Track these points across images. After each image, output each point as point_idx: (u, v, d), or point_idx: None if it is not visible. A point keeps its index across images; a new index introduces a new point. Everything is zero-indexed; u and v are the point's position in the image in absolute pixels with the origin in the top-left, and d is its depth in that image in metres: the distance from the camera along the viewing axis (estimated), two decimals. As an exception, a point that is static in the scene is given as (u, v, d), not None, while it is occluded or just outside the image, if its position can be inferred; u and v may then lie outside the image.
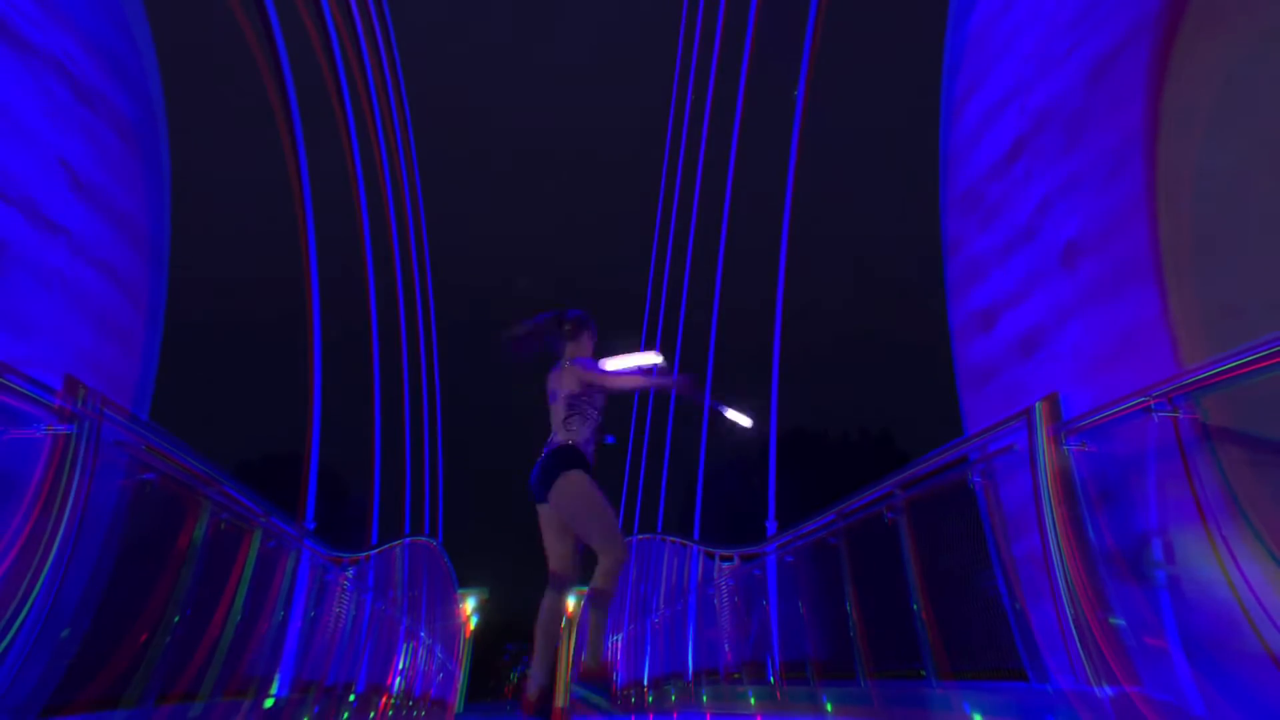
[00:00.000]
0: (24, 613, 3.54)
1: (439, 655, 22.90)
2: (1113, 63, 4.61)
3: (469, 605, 40.95)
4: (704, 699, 10.79)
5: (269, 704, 7.02)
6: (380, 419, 20.10)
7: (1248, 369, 3.08)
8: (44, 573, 3.64)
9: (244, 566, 5.94)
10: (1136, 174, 4.36)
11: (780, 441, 14.65)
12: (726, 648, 10.17)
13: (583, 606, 5.36)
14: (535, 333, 5.31)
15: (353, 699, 10.77)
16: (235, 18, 12.04)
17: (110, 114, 5.66)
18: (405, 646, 16.23)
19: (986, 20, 6.12)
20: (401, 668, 15.80)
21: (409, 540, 18.52)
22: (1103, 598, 3.81)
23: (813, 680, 7.10)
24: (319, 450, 13.42)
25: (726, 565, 10.88)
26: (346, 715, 10.26)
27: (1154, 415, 3.51)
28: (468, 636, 39.03)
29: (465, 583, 37.32)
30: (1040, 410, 4.20)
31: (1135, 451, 3.76)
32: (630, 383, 5.59)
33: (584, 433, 5.03)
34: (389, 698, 14.13)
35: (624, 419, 30.47)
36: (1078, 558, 3.90)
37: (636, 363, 5.69)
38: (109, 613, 4.32)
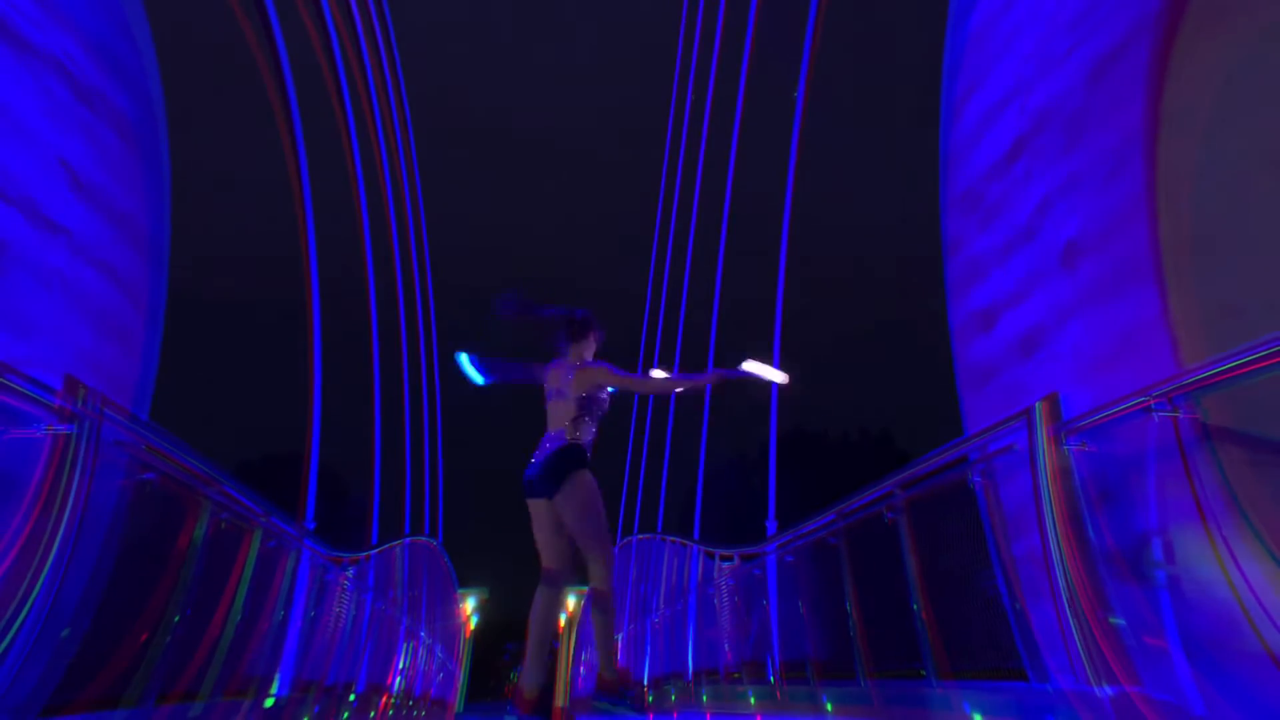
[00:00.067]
0: (24, 613, 3.54)
1: (439, 655, 22.90)
2: (1113, 63, 4.61)
3: (469, 605, 40.96)
4: (704, 699, 10.79)
5: (269, 704, 7.02)
6: (380, 419, 20.11)
7: (1248, 369, 3.08)
8: (44, 573, 3.64)
9: (244, 566, 5.94)
10: (1136, 174, 4.36)
11: (780, 441, 14.65)
12: (726, 647, 10.16)
13: (584, 611, 5.34)
14: (539, 317, 5.26)
15: (353, 699, 10.77)
16: (235, 18, 12.05)
17: (110, 114, 5.66)
18: (405, 646, 16.23)
19: (986, 20, 6.12)
20: (401, 667, 15.81)
21: (409, 540, 18.52)
22: (1103, 597, 3.81)
23: (813, 680, 7.10)
24: (319, 450, 13.43)
25: (726, 565, 10.88)
26: (346, 715, 10.26)
27: (1154, 415, 3.51)
28: (468, 636, 39.04)
29: (465, 583, 37.32)
30: (1040, 410, 4.20)
31: (1135, 451, 3.76)
32: (661, 385, 5.54)
33: (590, 433, 5.04)
34: (389, 697, 14.13)
35: (624, 419, 30.47)
36: (1078, 558, 3.90)
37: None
38: (109, 613, 4.32)
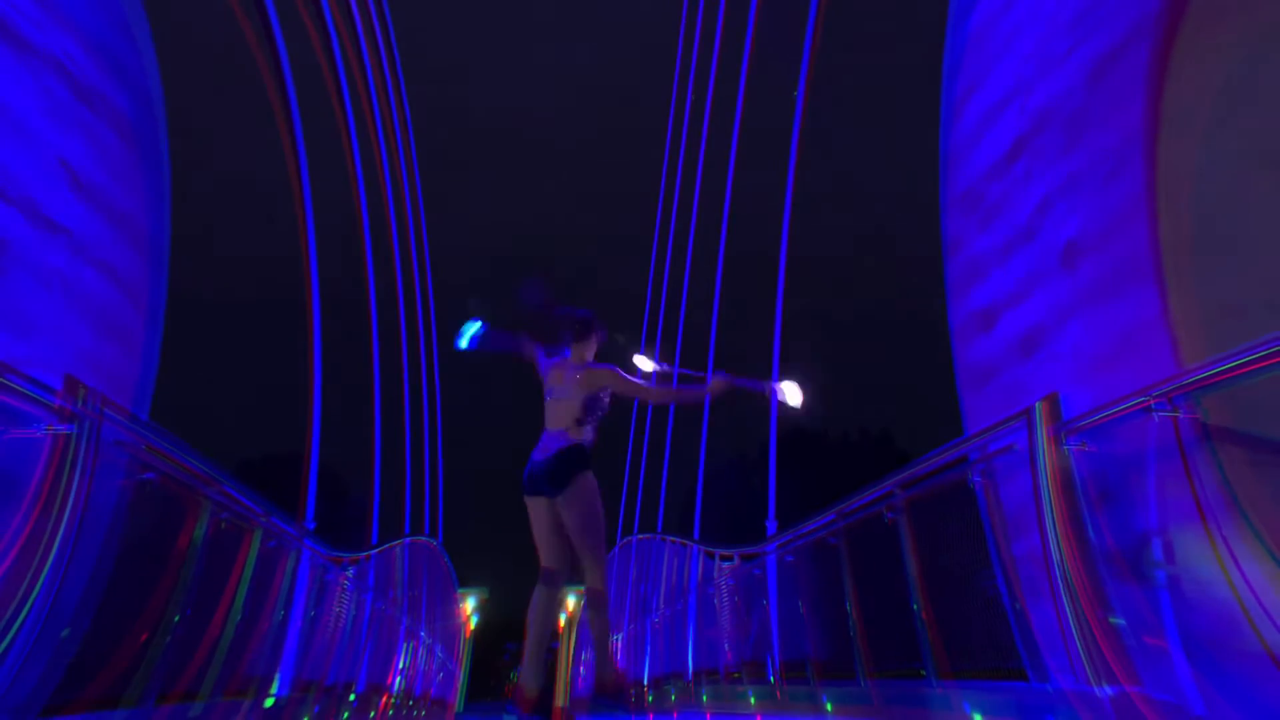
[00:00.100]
0: (24, 612, 3.54)
1: (439, 655, 22.89)
2: (1113, 63, 4.61)
3: (469, 605, 40.95)
4: (704, 698, 10.78)
5: (269, 704, 7.02)
6: (380, 419, 20.10)
7: (1248, 369, 3.08)
8: (44, 573, 3.64)
9: (244, 566, 5.94)
10: (1136, 174, 4.36)
11: (780, 441, 14.66)
12: (726, 647, 10.16)
13: (583, 611, 5.39)
14: (552, 313, 5.32)
15: (353, 698, 10.77)
16: (235, 18, 12.05)
17: (110, 114, 5.66)
18: (405, 646, 16.22)
19: (986, 20, 6.12)
20: (401, 667, 15.80)
21: (409, 540, 18.51)
22: (1103, 597, 3.81)
23: (813, 680, 7.10)
24: (319, 450, 13.43)
25: (726, 565, 10.88)
26: (347, 715, 10.26)
27: (1154, 415, 3.51)
28: (468, 636, 39.03)
29: (465, 583, 37.32)
30: (1040, 410, 4.20)
31: (1135, 451, 3.76)
32: (663, 396, 5.60)
33: (591, 434, 5.08)
34: (389, 697, 14.13)
35: (625, 418, 30.46)
36: (1078, 557, 3.90)
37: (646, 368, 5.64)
38: (109, 612, 4.32)
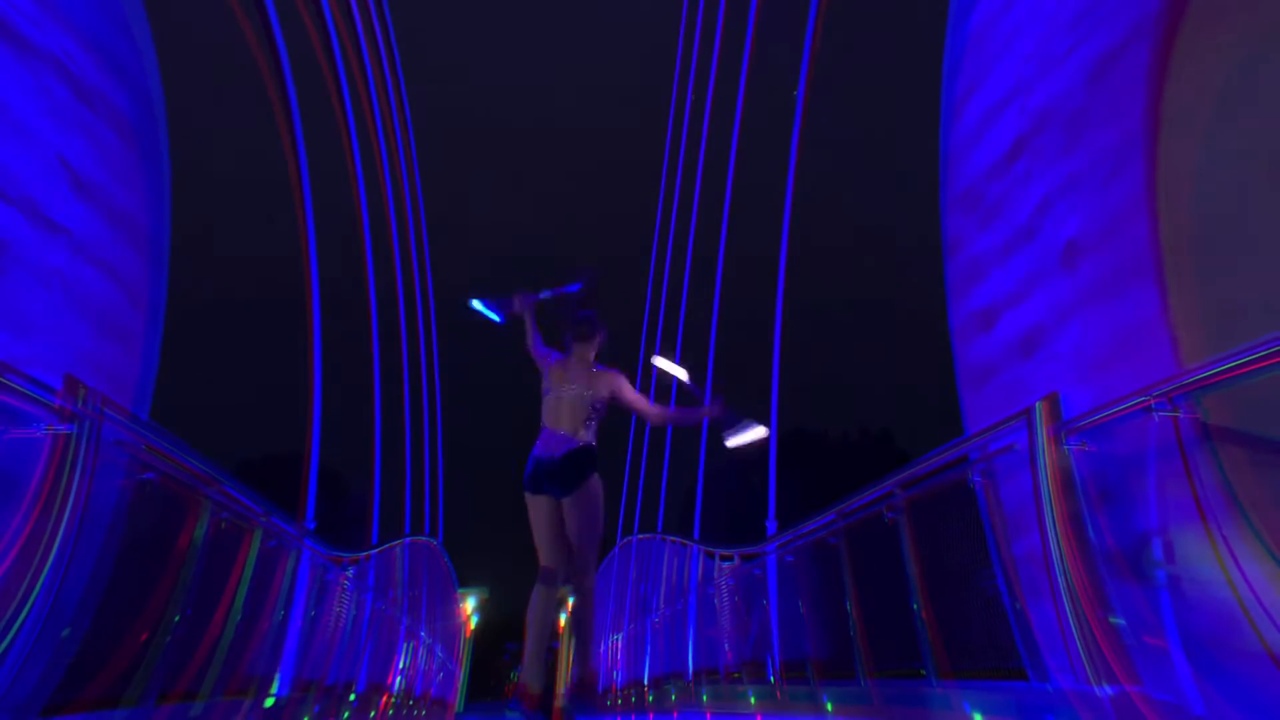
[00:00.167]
0: (24, 612, 3.54)
1: (439, 655, 22.90)
2: (1113, 63, 4.61)
3: (469, 605, 40.98)
4: (704, 698, 10.79)
5: (269, 703, 7.02)
6: (380, 419, 20.10)
7: (1248, 369, 3.08)
8: (44, 572, 3.64)
9: (244, 566, 5.94)
10: (1136, 174, 4.36)
11: (780, 441, 14.65)
12: (726, 647, 10.16)
13: (574, 607, 5.44)
14: (578, 306, 5.39)
15: (353, 698, 10.77)
16: (235, 18, 12.04)
17: (110, 113, 5.66)
18: (405, 646, 16.23)
19: (986, 20, 6.12)
20: (402, 667, 15.81)
21: (409, 540, 18.51)
22: (1103, 597, 3.81)
23: (813, 680, 7.10)
24: (319, 450, 13.42)
25: (726, 565, 10.88)
26: (347, 714, 10.26)
27: (1154, 415, 3.51)
28: (468, 636, 39.05)
29: (465, 583, 37.34)
30: (1040, 410, 4.20)
31: (1135, 451, 3.76)
32: (661, 416, 5.67)
33: (593, 436, 5.13)
34: (389, 697, 14.13)
35: (625, 418, 30.43)
36: (1078, 557, 3.90)
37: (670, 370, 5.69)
38: (109, 612, 4.32)
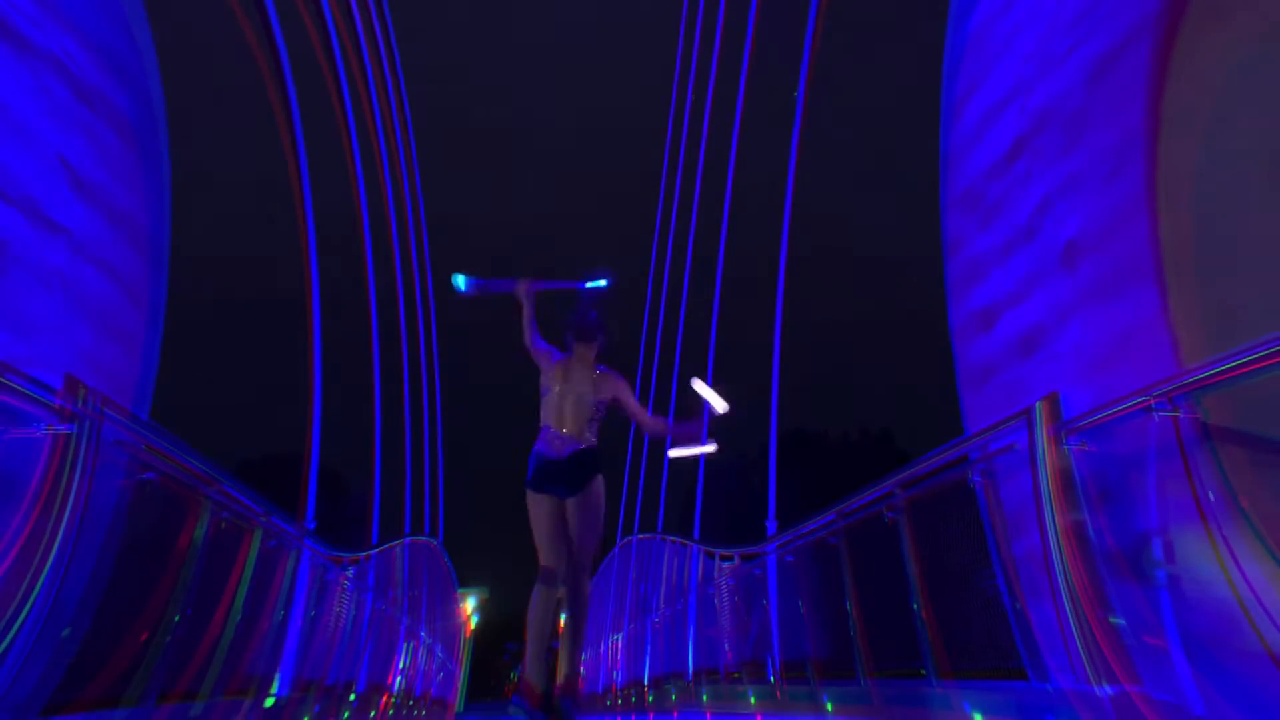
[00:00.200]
0: (24, 612, 3.54)
1: (439, 655, 22.90)
2: (1113, 63, 4.60)
3: (469, 605, 41.00)
4: (704, 698, 10.79)
5: (269, 703, 7.02)
6: (380, 419, 20.09)
7: (1248, 369, 3.08)
8: (44, 572, 3.64)
9: (244, 566, 5.94)
10: (1136, 174, 4.36)
11: (780, 441, 14.64)
12: (726, 647, 10.17)
13: (570, 610, 5.45)
14: (589, 307, 5.40)
15: (353, 698, 10.77)
16: (235, 18, 12.04)
17: (110, 113, 5.66)
18: (405, 646, 16.23)
19: (986, 20, 6.12)
20: (402, 667, 15.81)
21: (409, 540, 18.51)
22: (1103, 597, 3.81)
23: (813, 679, 7.10)
24: (319, 450, 13.41)
25: (726, 565, 10.88)
26: (347, 714, 10.26)
27: (1154, 415, 3.51)
28: (468, 636, 39.06)
29: (465, 583, 37.35)
30: (1040, 410, 4.20)
31: (1135, 451, 3.76)
32: (656, 427, 5.69)
33: (596, 437, 5.16)
34: (389, 697, 14.14)
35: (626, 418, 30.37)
36: (1078, 557, 3.90)
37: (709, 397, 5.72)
38: (109, 612, 4.32)
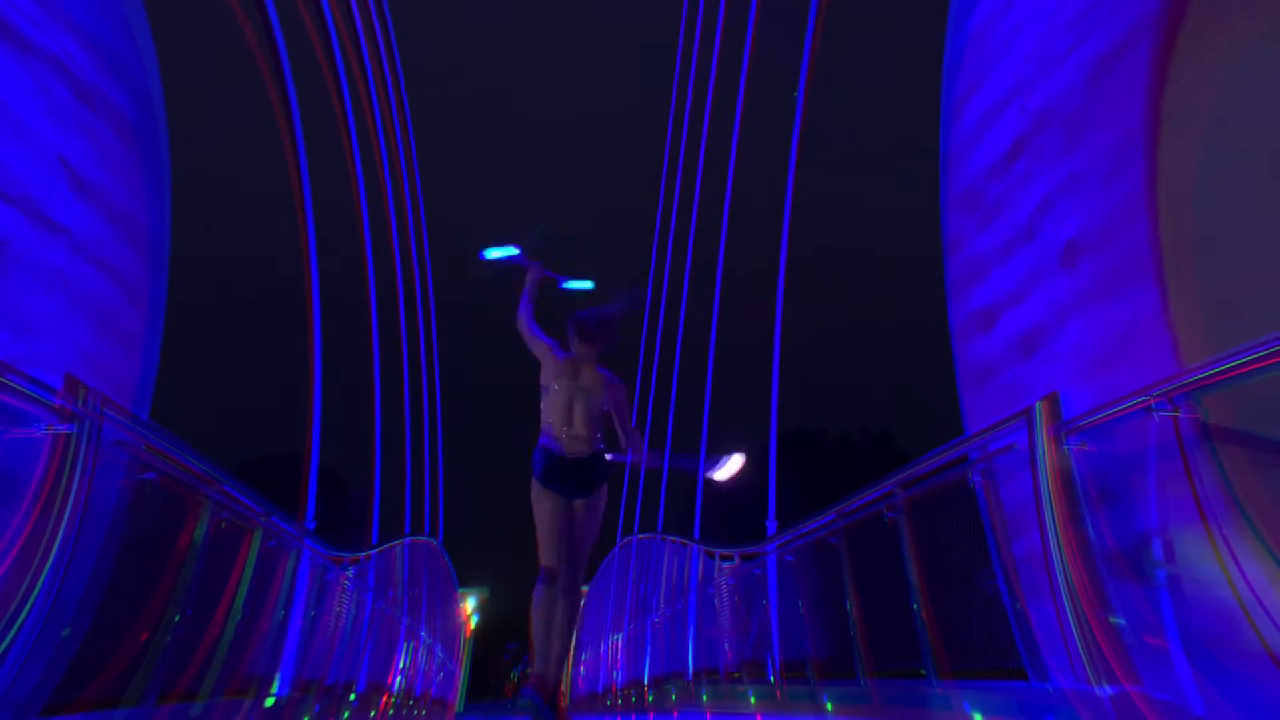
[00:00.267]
0: (25, 612, 3.54)
1: (439, 655, 22.90)
2: (1113, 63, 4.61)
3: (469, 605, 41.01)
4: (704, 698, 10.79)
5: (269, 703, 7.02)
6: (380, 419, 20.09)
7: (1248, 369, 3.08)
8: (44, 572, 3.64)
9: (244, 566, 5.94)
10: (1137, 174, 4.36)
11: (780, 441, 14.64)
12: (727, 647, 10.17)
13: (585, 612, 5.45)
14: (615, 315, 5.37)
15: (353, 698, 10.77)
16: (235, 18, 12.04)
17: (110, 113, 5.66)
18: (405, 646, 16.23)
19: (986, 20, 6.12)
20: (402, 667, 15.81)
21: (409, 540, 18.51)
22: (1103, 597, 3.81)
23: (813, 679, 7.10)
24: (319, 450, 13.41)
25: (726, 565, 10.88)
26: (347, 714, 10.26)
27: (1154, 415, 3.51)
28: (468, 636, 39.07)
29: (465, 583, 37.35)
30: (1040, 410, 4.20)
31: (1136, 451, 3.76)
32: (636, 443, 5.66)
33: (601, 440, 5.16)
34: (389, 697, 14.14)
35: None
36: (1078, 557, 3.90)
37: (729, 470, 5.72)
38: (109, 612, 4.32)
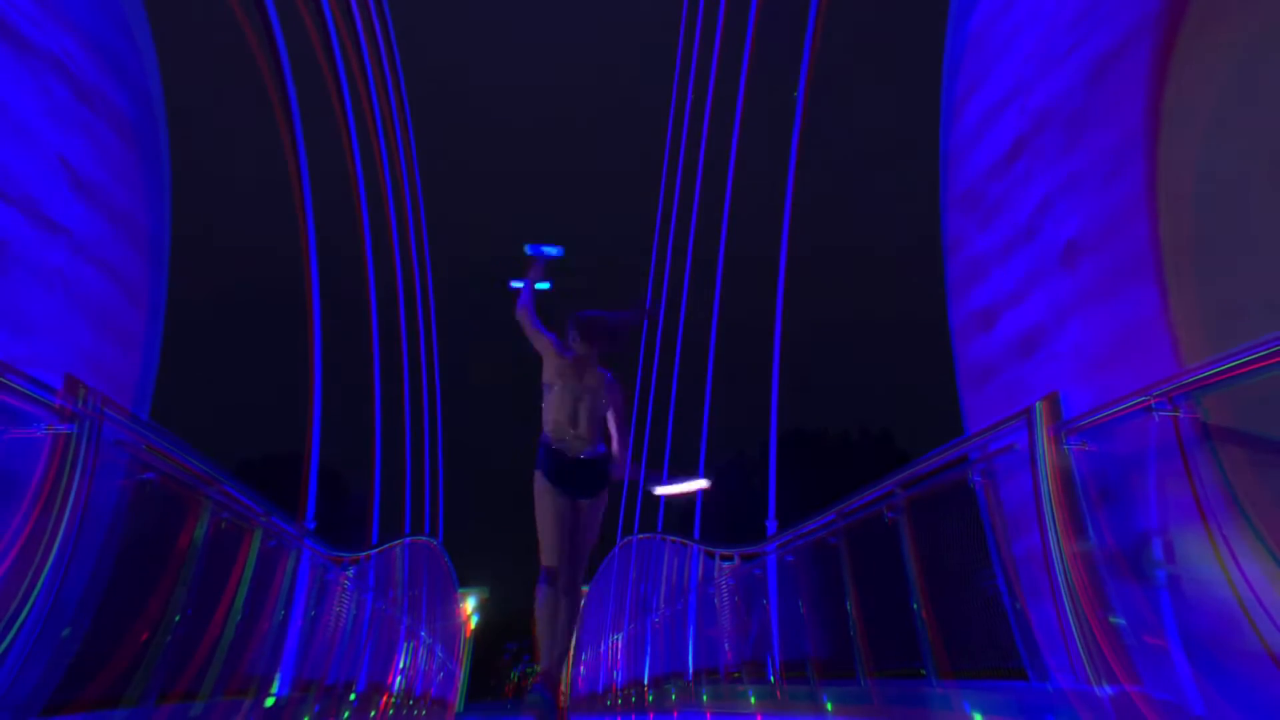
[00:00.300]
0: (25, 612, 3.54)
1: (439, 654, 22.91)
2: (1113, 63, 4.61)
3: (469, 605, 41.02)
4: (704, 698, 10.79)
5: (270, 703, 7.02)
6: (380, 419, 20.09)
7: (1248, 369, 3.08)
8: (44, 572, 3.64)
9: (244, 566, 5.95)
10: (1137, 174, 4.36)
11: (780, 441, 14.64)
12: (727, 647, 10.17)
13: (585, 612, 5.43)
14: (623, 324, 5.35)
15: (353, 698, 10.78)
16: (235, 18, 12.04)
17: (110, 113, 5.66)
18: (406, 646, 16.23)
19: (986, 20, 6.12)
20: (402, 667, 15.82)
21: (409, 540, 18.52)
22: (1103, 597, 3.81)
23: (813, 679, 7.10)
24: (319, 450, 13.41)
25: (727, 565, 10.88)
26: (347, 714, 10.26)
27: (1154, 415, 3.51)
28: (468, 636, 39.08)
29: (465, 583, 37.36)
30: (1040, 409, 4.20)
31: (1136, 451, 3.76)
32: (623, 439, 5.67)
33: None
34: (389, 697, 14.14)
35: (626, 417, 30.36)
36: (1078, 557, 3.91)
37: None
38: (109, 612, 4.32)
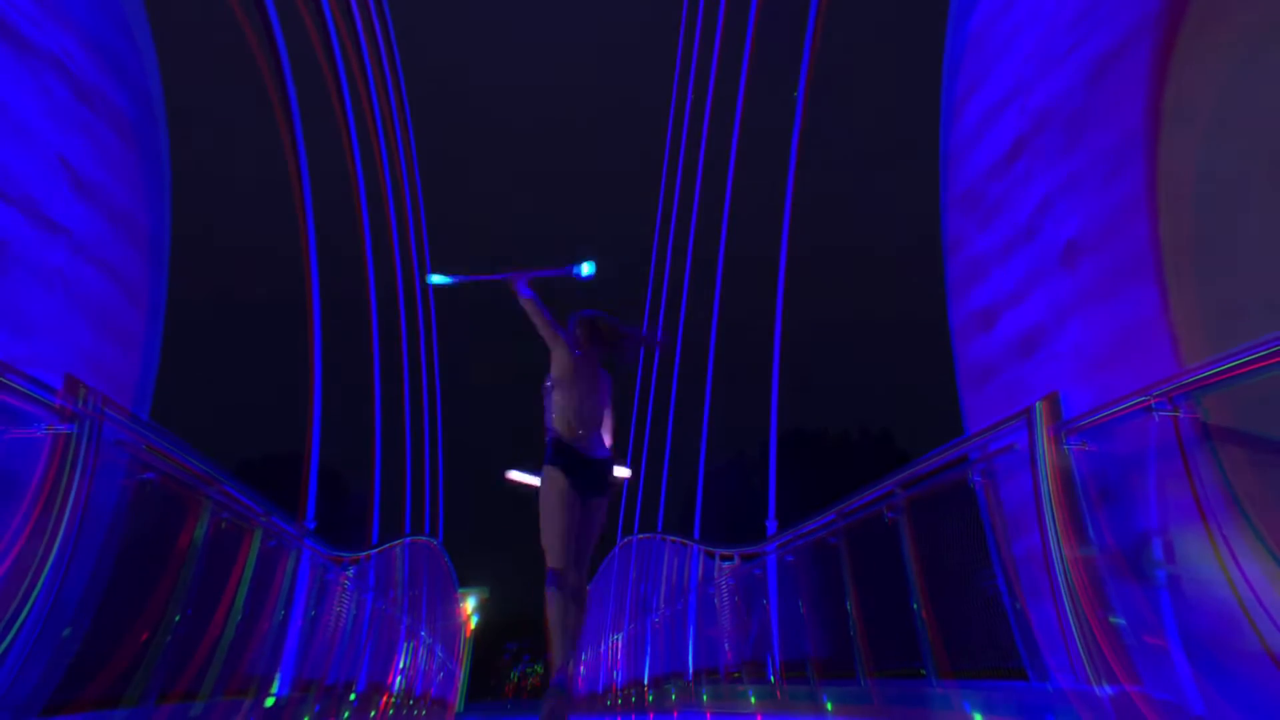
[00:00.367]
0: (25, 612, 3.54)
1: (439, 654, 22.91)
2: (1113, 63, 4.61)
3: (469, 605, 41.01)
4: (704, 698, 10.79)
5: (270, 703, 7.02)
6: (380, 419, 20.09)
7: (1248, 369, 3.08)
8: (45, 572, 3.65)
9: (244, 566, 5.95)
10: (1137, 174, 4.36)
11: (780, 441, 14.65)
12: (727, 647, 10.17)
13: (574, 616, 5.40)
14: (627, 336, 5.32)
15: (353, 698, 10.78)
16: (235, 18, 12.04)
17: (110, 113, 5.66)
18: (406, 646, 16.23)
19: (986, 20, 6.12)
20: (402, 667, 15.82)
21: (409, 540, 18.51)
22: (1103, 597, 3.81)
23: (813, 679, 7.10)
24: (319, 450, 13.41)
25: (727, 565, 10.88)
26: (347, 714, 10.26)
27: (1154, 414, 3.51)
28: (468, 636, 39.08)
29: (465, 583, 37.35)
30: (1040, 409, 4.20)
31: (1136, 451, 3.76)
32: (614, 436, 5.64)
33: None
34: (389, 697, 14.14)
35: (626, 417, 30.44)
36: (1078, 557, 3.91)
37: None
38: (109, 612, 4.32)
